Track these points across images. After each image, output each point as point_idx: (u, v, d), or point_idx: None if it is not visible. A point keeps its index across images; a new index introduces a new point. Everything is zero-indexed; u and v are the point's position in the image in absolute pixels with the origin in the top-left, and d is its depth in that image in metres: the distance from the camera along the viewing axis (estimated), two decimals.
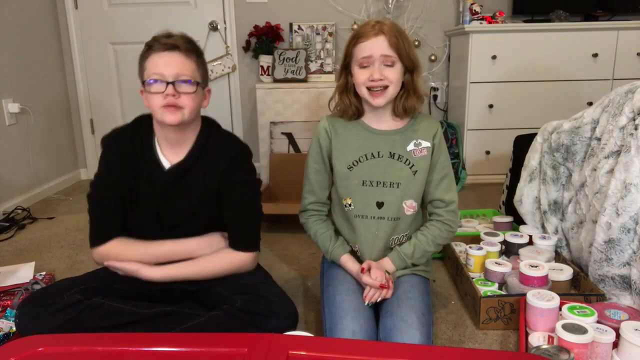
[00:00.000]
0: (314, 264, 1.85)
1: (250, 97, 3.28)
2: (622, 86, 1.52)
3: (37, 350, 0.88)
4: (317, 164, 1.37)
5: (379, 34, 1.22)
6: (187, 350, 0.89)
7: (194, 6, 3.15)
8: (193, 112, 1.21)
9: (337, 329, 1.15)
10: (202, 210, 1.29)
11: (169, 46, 1.17)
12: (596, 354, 1.14)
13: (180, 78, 1.17)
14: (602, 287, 1.42)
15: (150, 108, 1.21)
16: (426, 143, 1.32)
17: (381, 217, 1.32)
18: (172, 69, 1.17)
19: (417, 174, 1.31)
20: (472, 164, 2.92)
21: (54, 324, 1.14)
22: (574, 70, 2.77)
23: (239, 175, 1.27)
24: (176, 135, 1.25)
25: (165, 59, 1.17)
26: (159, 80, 1.17)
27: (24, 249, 2.07)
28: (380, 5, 3.10)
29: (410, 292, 1.24)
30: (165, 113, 1.18)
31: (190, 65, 1.20)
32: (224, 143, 1.29)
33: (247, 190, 1.30)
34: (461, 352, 0.93)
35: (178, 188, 1.27)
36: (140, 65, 1.22)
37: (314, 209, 1.40)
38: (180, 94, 1.18)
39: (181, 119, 1.19)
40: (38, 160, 2.78)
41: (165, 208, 1.28)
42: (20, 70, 2.70)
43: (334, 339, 1.10)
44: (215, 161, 1.26)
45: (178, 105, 1.18)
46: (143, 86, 1.21)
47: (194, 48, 1.22)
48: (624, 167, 1.37)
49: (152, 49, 1.18)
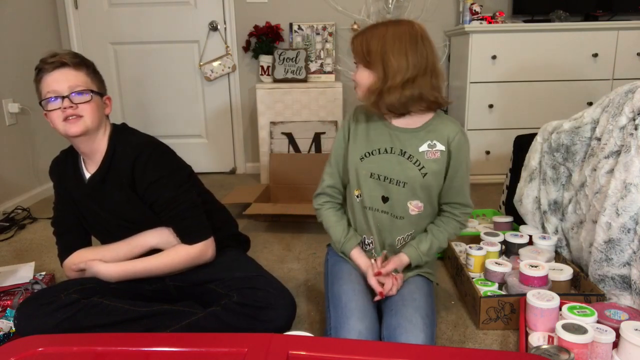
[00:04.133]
0: (314, 264, 1.85)
1: (250, 97, 3.28)
2: (622, 86, 1.52)
3: (37, 350, 0.88)
4: (340, 148, 1.37)
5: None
6: (187, 350, 0.89)
7: (194, 6, 3.15)
8: (95, 120, 1.24)
9: (343, 329, 1.14)
10: (136, 214, 1.30)
11: (57, 64, 1.21)
12: (596, 354, 1.14)
13: (74, 90, 1.21)
14: (602, 287, 1.42)
15: (55, 126, 1.23)
16: (441, 146, 1.28)
17: (386, 211, 1.31)
18: (64, 84, 1.20)
19: (426, 176, 1.28)
20: (472, 164, 2.90)
21: (52, 323, 1.15)
22: (574, 70, 2.77)
23: (149, 177, 1.25)
24: (86, 146, 1.28)
25: (55, 76, 1.21)
26: (55, 97, 1.20)
27: (24, 249, 2.08)
28: (380, 5, 3.10)
29: (416, 292, 1.24)
30: (67, 125, 1.21)
31: (81, 77, 1.23)
32: (127, 147, 1.28)
33: (163, 188, 1.26)
34: (461, 352, 0.93)
35: (101, 197, 1.30)
36: (37, 90, 1.25)
37: (329, 194, 1.39)
38: (77, 105, 1.21)
39: (84, 127, 1.22)
40: (38, 160, 2.79)
41: (103, 216, 1.31)
42: (20, 70, 2.70)
43: (334, 339, 1.10)
44: (122, 167, 1.27)
45: (77, 114, 1.21)
46: (43, 108, 1.23)
47: (82, 61, 1.25)
48: (624, 167, 1.37)
49: (42, 71, 1.22)
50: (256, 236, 2.12)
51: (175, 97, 3.29)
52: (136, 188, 1.26)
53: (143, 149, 1.26)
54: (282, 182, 2.63)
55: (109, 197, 1.29)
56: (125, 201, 1.27)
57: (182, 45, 3.20)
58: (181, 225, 1.28)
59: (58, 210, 1.38)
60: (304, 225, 2.25)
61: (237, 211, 2.37)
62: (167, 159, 1.30)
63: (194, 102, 3.30)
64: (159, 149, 1.29)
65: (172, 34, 3.18)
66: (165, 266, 1.28)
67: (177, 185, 1.28)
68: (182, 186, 1.29)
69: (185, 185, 1.31)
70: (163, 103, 3.31)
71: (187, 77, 3.26)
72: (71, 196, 1.34)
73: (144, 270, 1.28)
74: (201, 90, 3.29)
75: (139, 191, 1.27)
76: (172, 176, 1.28)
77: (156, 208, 1.28)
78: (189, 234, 1.28)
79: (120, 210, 1.29)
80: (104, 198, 1.29)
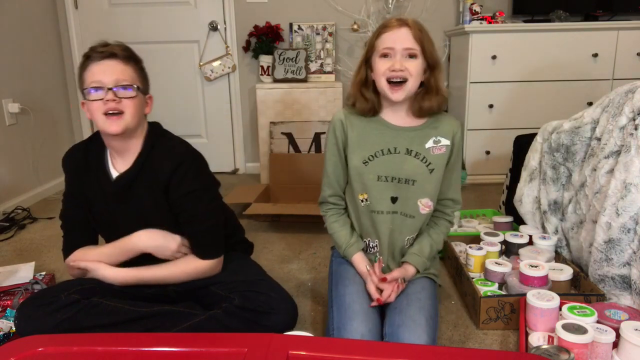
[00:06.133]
0: (314, 264, 1.85)
1: (250, 97, 3.28)
2: (622, 86, 1.52)
3: (37, 350, 0.88)
4: (334, 157, 1.35)
5: (402, 26, 1.21)
6: (187, 350, 0.89)
7: (194, 6, 3.15)
8: (135, 117, 1.21)
9: (345, 330, 1.14)
10: (156, 219, 1.28)
11: (106, 54, 1.18)
12: (596, 354, 1.14)
13: (119, 84, 1.18)
14: (602, 287, 1.42)
15: (93, 118, 1.20)
16: (446, 141, 1.30)
17: (395, 211, 1.31)
18: (111, 76, 1.17)
19: (433, 172, 1.29)
20: (472, 164, 2.92)
21: (52, 323, 1.15)
22: (574, 70, 2.77)
23: (185, 187, 1.24)
24: (120, 144, 1.24)
25: (102, 66, 1.17)
26: (99, 88, 1.17)
27: (24, 249, 2.07)
28: (380, 5, 3.10)
29: (421, 293, 1.25)
30: (107, 123, 1.18)
31: (129, 72, 1.20)
32: (167, 152, 1.26)
33: (197, 201, 1.26)
34: (461, 352, 0.93)
35: (127, 198, 1.26)
36: (79, 78, 1.22)
37: (332, 202, 1.39)
38: (120, 99, 1.18)
39: (124, 126, 1.19)
40: (38, 160, 2.78)
41: (120, 217, 1.28)
42: (20, 70, 2.70)
43: (334, 339, 1.10)
44: (159, 172, 1.24)
45: (119, 109, 1.18)
46: (84, 96, 1.20)
47: (132, 55, 1.23)
48: (624, 167, 1.37)
49: (90, 59, 1.18)
50: (256, 236, 2.12)
51: (175, 97, 3.29)
52: (166, 193, 1.25)
53: (185, 158, 1.24)
54: (282, 182, 2.63)
55: (136, 198, 1.26)
56: (153, 205, 1.26)
57: (182, 45, 3.20)
58: (202, 241, 1.28)
59: (68, 203, 1.32)
60: (304, 225, 2.25)
61: (237, 211, 2.36)
62: (206, 173, 1.30)
63: (194, 102, 3.30)
64: (200, 161, 1.29)
65: (172, 34, 3.18)
66: (173, 277, 1.28)
67: (209, 200, 1.29)
68: (213, 202, 1.30)
69: (215, 202, 1.31)
70: (163, 103, 3.29)
71: (187, 77, 3.26)
72: (87, 192, 1.29)
73: (150, 279, 1.27)
74: (201, 90, 3.29)
75: (168, 197, 1.25)
76: (207, 191, 1.29)
77: (182, 218, 1.27)
78: (205, 250, 1.28)
79: (144, 213, 1.27)
80: (130, 199, 1.26)
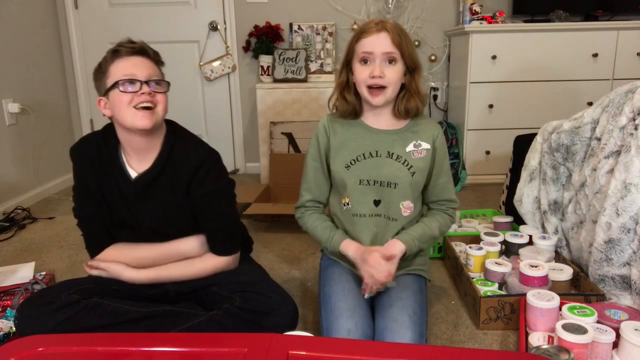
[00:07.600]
0: (314, 264, 1.85)
1: (250, 97, 3.28)
2: (622, 86, 1.52)
3: (37, 350, 0.88)
4: (315, 162, 1.37)
5: (381, 31, 1.22)
6: (187, 350, 0.89)
7: (194, 6, 3.15)
8: (164, 113, 1.21)
9: (333, 329, 1.15)
10: (175, 218, 1.28)
11: (137, 50, 1.18)
12: (596, 354, 1.14)
13: (152, 78, 1.17)
14: (602, 287, 1.42)
15: (119, 114, 1.16)
16: (426, 145, 1.31)
17: (378, 214, 1.31)
18: (144, 70, 1.17)
19: (415, 175, 1.30)
20: (472, 164, 2.92)
21: (52, 324, 1.15)
22: (574, 70, 2.77)
23: (207, 186, 1.25)
24: (143, 142, 1.22)
25: (135, 61, 1.17)
26: (133, 81, 1.15)
27: (24, 249, 2.07)
28: (380, 5, 3.10)
29: (403, 292, 1.24)
30: (137, 117, 1.15)
31: (157, 70, 1.21)
32: (189, 151, 1.25)
33: (217, 199, 1.27)
34: (461, 352, 0.93)
35: (147, 197, 1.25)
36: (101, 73, 1.18)
37: (309, 206, 1.40)
38: (155, 94, 1.17)
39: (155, 121, 1.17)
40: (38, 160, 2.78)
41: (137, 217, 1.27)
42: (20, 70, 2.70)
43: (334, 339, 1.10)
44: (181, 171, 1.23)
45: (154, 102, 1.16)
46: (110, 91, 1.16)
47: (158, 57, 1.23)
48: (624, 167, 1.37)
49: (118, 53, 1.17)
50: (256, 236, 2.12)
51: (175, 97, 3.27)
52: (187, 192, 1.25)
53: (206, 158, 1.25)
54: (282, 182, 2.63)
55: (156, 197, 1.25)
56: (173, 204, 1.26)
57: (182, 45, 3.20)
58: (217, 238, 1.29)
59: (82, 198, 1.28)
60: None
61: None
62: (224, 172, 1.31)
63: (194, 102, 3.30)
64: (220, 161, 1.30)
65: (172, 34, 3.18)
66: (191, 275, 1.29)
67: (229, 198, 1.31)
68: (231, 200, 1.32)
69: (233, 200, 1.33)
70: None
71: (187, 77, 3.26)
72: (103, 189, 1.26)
73: (167, 277, 1.28)
74: (201, 90, 3.29)
75: (189, 195, 1.25)
76: (227, 189, 1.30)
77: (202, 216, 1.27)
78: (224, 247, 1.29)
79: (164, 212, 1.26)
80: (150, 198, 1.25)
